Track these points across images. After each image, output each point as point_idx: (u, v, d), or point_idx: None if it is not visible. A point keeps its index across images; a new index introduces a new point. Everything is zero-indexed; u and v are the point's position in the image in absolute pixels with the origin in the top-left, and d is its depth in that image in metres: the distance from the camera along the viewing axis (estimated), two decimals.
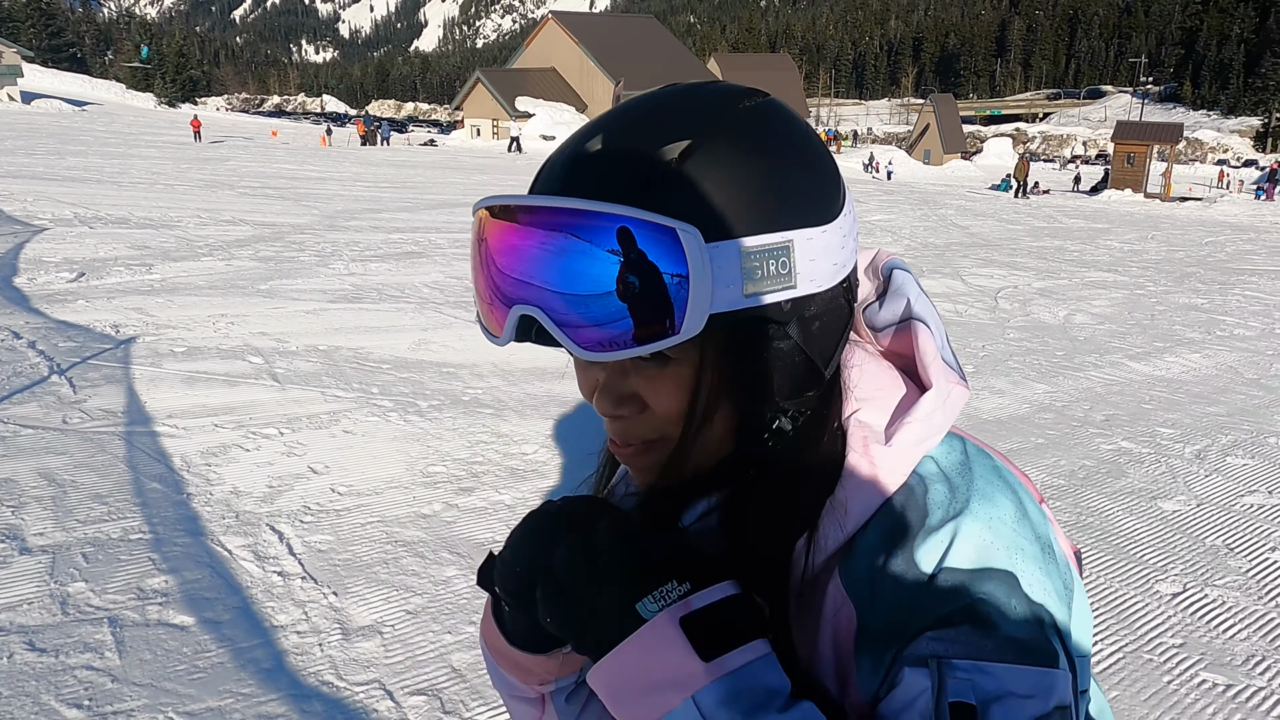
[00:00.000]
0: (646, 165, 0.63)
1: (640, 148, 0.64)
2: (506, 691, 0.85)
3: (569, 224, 0.61)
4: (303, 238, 12.23)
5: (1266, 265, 16.41)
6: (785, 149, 0.66)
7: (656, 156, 0.63)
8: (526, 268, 0.63)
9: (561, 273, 0.61)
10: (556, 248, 0.61)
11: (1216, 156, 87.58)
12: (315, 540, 3.94)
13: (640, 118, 0.66)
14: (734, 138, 0.65)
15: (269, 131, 50.56)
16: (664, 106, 0.67)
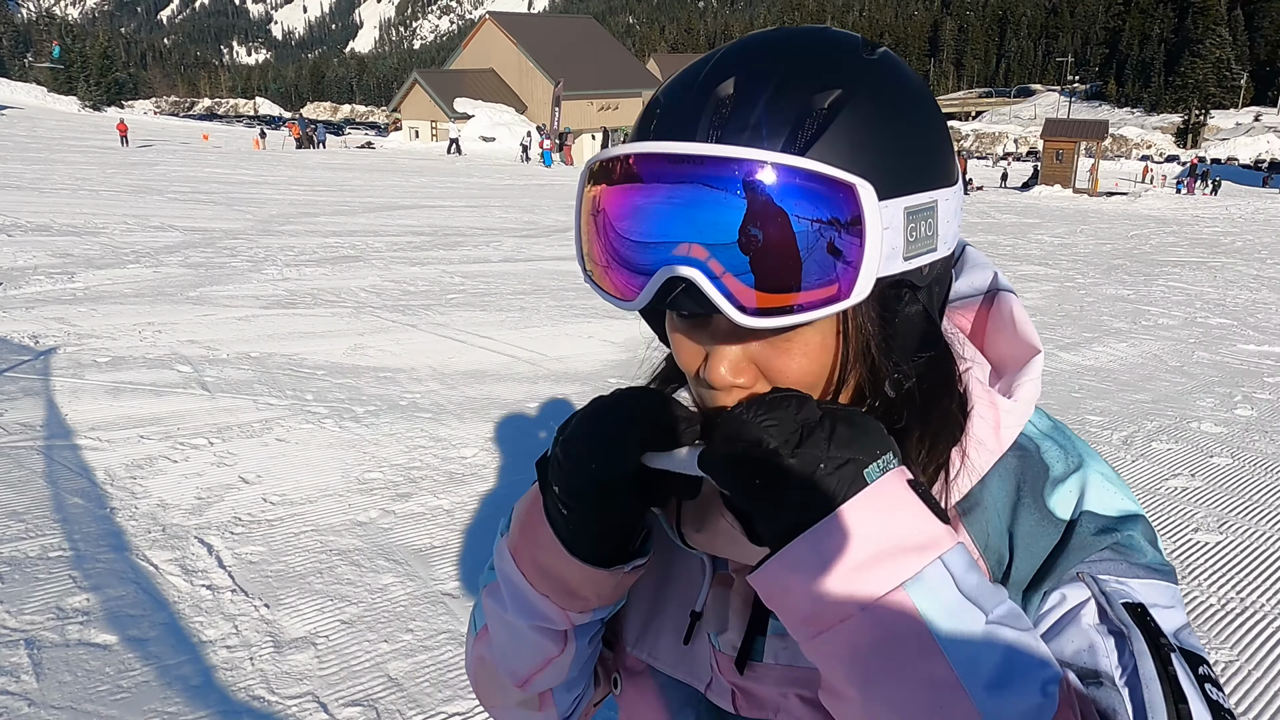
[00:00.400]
0: (801, 113, 0.59)
1: (789, 94, 0.59)
2: (529, 620, 0.75)
3: (736, 175, 0.55)
4: (235, 243, 11.95)
5: (1188, 256, 17.00)
6: (921, 103, 0.64)
7: (808, 104, 0.59)
8: (681, 224, 0.57)
9: (726, 229, 0.56)
10: (721, 202, 0.56)
11: (1141, 152, 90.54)
12: (246, 552, 3.84)
13: (775, 59, 0.61)
14: (877, 89, 0.61)
15: (200, 135, 49.31)
16: (797, 50, 0.62)
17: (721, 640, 0.74)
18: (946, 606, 0.55)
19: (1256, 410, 6.82)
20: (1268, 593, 3.99)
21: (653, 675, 0.81)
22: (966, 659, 0.54)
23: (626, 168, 0.59)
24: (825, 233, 0.56)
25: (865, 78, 0.61)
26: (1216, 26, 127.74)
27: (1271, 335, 9.79)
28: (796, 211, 0.56)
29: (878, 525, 0.56)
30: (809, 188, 0.56)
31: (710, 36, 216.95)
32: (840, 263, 0.57)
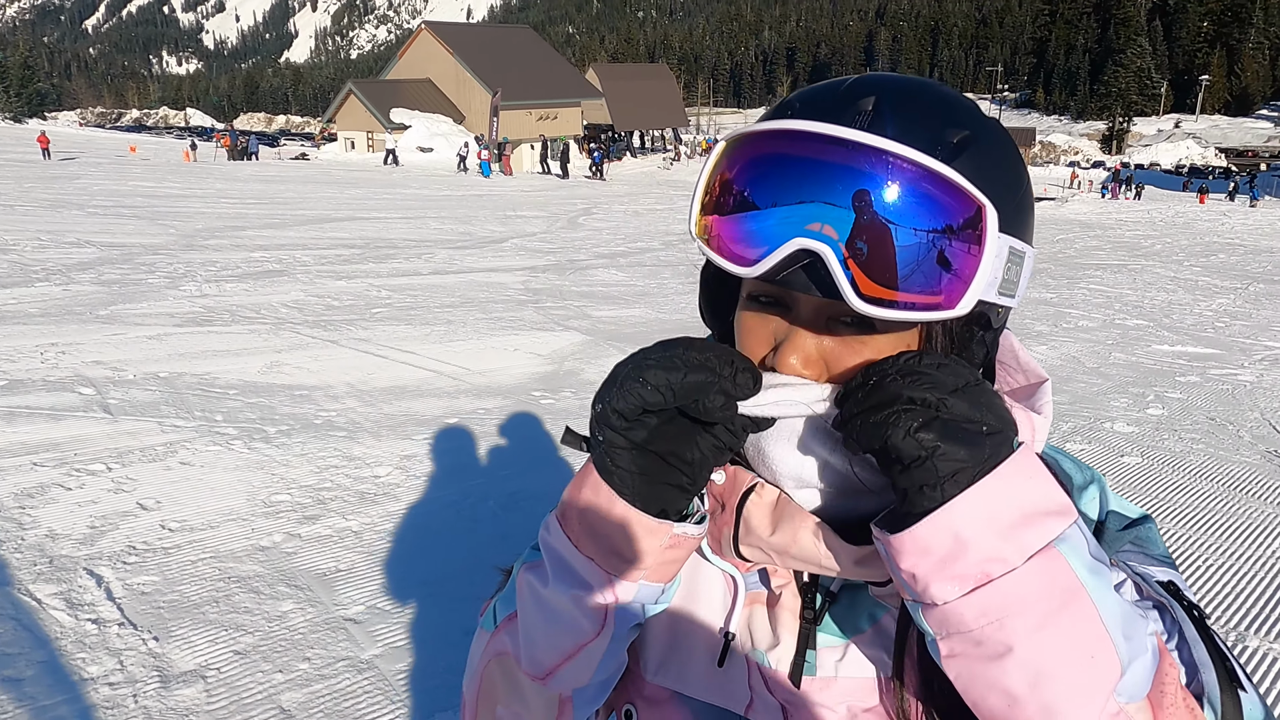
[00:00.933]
0: (935, 137, 0.64)
1: (926, 120, 0.65)
2: (570, 589, 0.71)
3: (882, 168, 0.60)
4: (154, 259, 11.60)
5: (1110, 259, 17.51)
6: (1023, 166, 0.71)
7: (942, 134, 0.65)
8: (819, 203, 0.61)
9: (873, 219, 0.60)
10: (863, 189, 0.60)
11: (1069, 158, 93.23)
12: (138, 582, 3.68)
13: (910, 91, 0.67)
14: (997, 141, 0.68)
15: (128, 147, 47.95)
16: (928, 90, 0.69)
17: (770, 656, 0.74)
18: (1086, 564, 0.59)
19: (1167, 409, 7.02)
20: None
21: (680, 703, 0.78)
22: (1108, 610, 0.59)
23: (775, 142, 0.63)
24: (949, 242, 0.61)
25: (988, 127, 0.69)
26: (1137, 37, 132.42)
27: (1184, 335, 10.10)
28: (930, 215, 0.60)
29: (1026, 488, 0.59)
30: (944, 197, 0.61)
31: (650, 46, 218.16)
32: (952, 275, 0.62)
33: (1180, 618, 0.68)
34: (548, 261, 13.34)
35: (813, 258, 0.61)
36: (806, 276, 0.62)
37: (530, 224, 18.43)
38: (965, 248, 0.62)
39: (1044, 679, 0.58)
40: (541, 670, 0.75)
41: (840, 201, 0.60)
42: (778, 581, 0.76)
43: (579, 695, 0.77)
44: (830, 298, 0.62)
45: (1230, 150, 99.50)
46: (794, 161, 0.62)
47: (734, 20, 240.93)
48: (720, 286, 0.80)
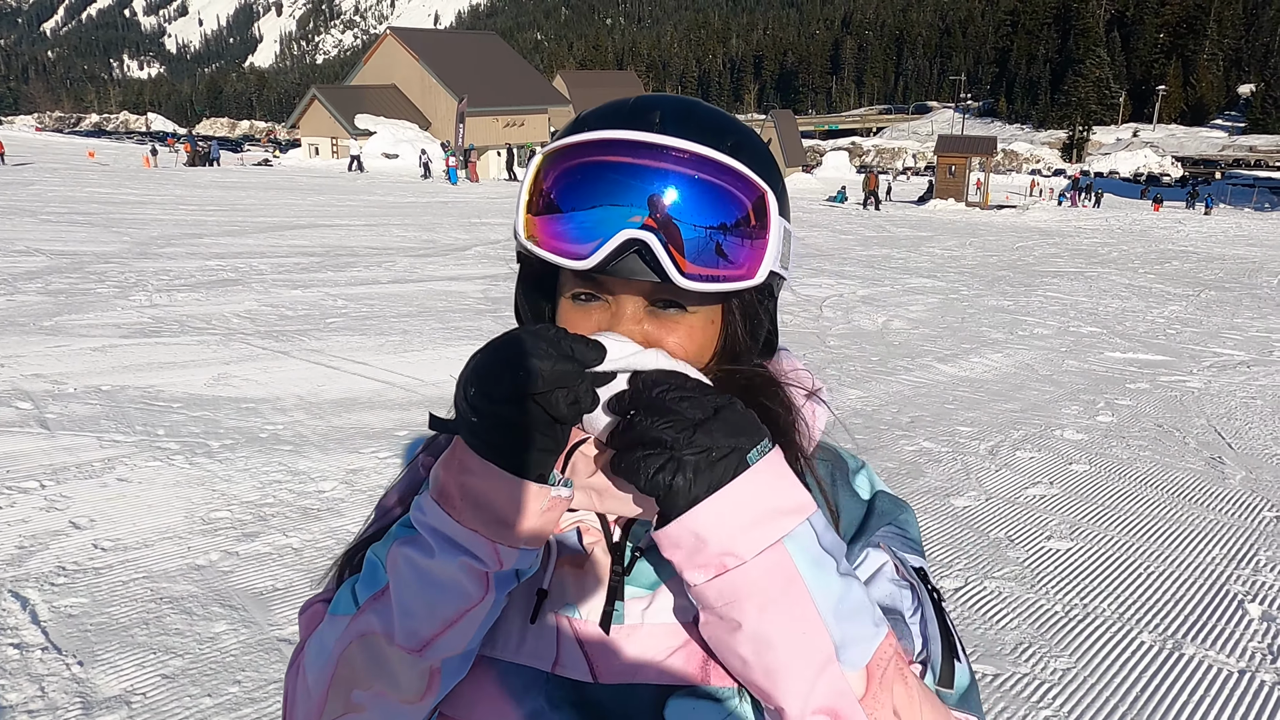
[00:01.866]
0: (719, 140, 0.76)
1: (705, 129, 0.77)
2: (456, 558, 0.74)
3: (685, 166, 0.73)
4: (106, 267, 11.38)
5: (1067, 267, 17.77)
6: (776, 166, 0.84)
7: (720, 139, 0.77)
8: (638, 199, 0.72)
9: (675, 209, 0.72)
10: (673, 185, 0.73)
11: (1030, 166, 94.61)
12: (66, 604, 3.58)
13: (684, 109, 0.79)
14: (758, 144, 0.81)
15: (86, 152, 47.11)
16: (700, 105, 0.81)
17: (581, 610, 0.80)
18: (811, 556, 0.70)
19: (1116, 417, 7.11)
20: (1109, 598, 4.12)
21: (489, 666, 0.81)
22: (823, 596, 0.70)
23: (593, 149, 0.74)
24: (746, 224, 0.75)
25: (751, 135, 0.81)
26: (1096, 48, 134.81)
27: (1136, 342, 10.27)
28: (727, 201, 0.74)
29: (761, 494, 0.70)
30: (737, 185, 0.74)
31: (618, 54, 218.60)
32: (750, 250, 0.76)
33: (923, 598, 0.83)
34: (510, 270, 13.05)
35: (640, 245, 0.72)
36: (632, 265, 0.73)
37: (495, 231, 18.34)
38: (758, 228, 0.76)
39: (764, 648, 0.70)
40: (419, 641, 0.77)
41: (657, 197, 0.72)
42: (590, 539, 0.82)
43: (447, 665, 0.78)
44: (659, 279, 0.73)
45: (1186, 159, 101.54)
46: (612, 165, 0.73)
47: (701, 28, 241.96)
48: (538, 289, 0.88)
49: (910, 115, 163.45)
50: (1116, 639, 3.76)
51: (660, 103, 0.79)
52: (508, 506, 0.73)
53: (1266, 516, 5.18)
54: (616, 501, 0.79)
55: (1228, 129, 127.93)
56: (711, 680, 0.77)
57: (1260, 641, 3.78)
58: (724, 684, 0.77)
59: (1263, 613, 4.03)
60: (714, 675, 0.78)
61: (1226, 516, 5.16)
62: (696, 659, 0.78)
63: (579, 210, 0.74)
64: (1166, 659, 3.62)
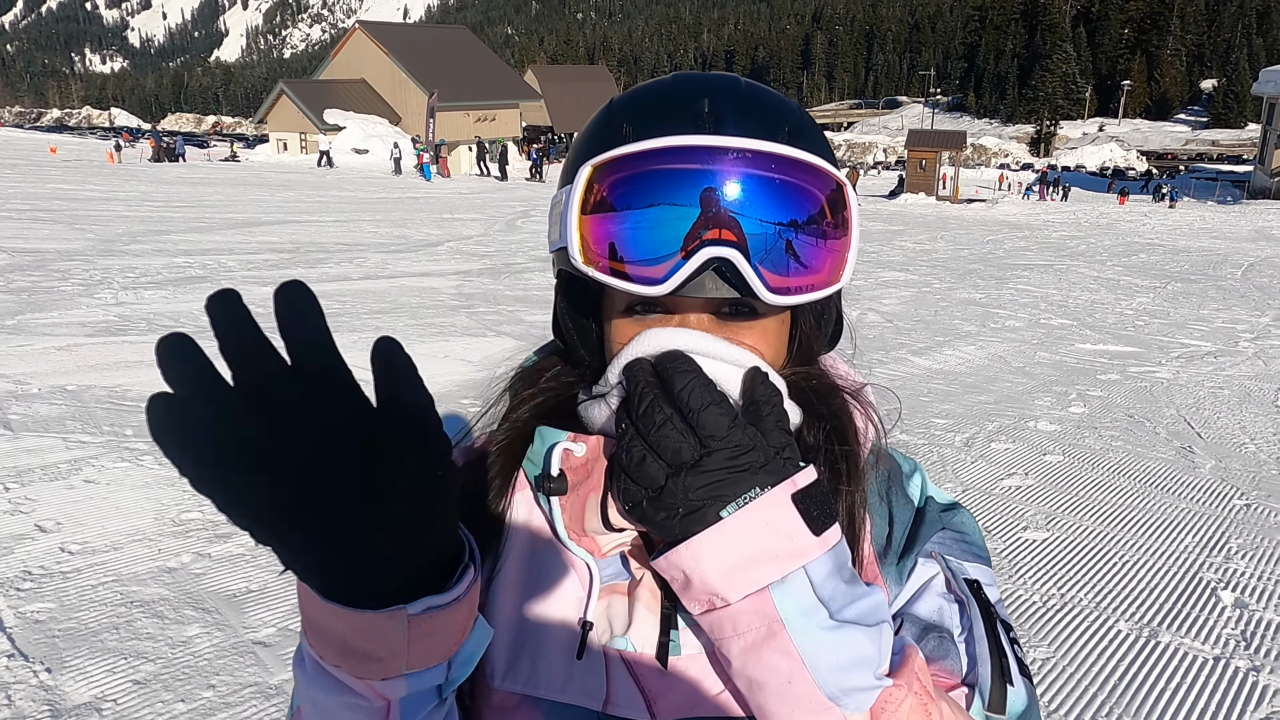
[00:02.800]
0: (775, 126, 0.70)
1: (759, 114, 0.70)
2: (338, 697, 0.61)
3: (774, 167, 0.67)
4: (70, 265, 11.16)
5: (1037, 260, 17.94)
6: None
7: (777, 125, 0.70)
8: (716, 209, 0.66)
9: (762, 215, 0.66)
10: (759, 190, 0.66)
11: (999, 161, 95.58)
12: (32, 610, 3.49)
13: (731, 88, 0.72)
14: (814, 128, 0.75)
15: (48, 148, 46.21)
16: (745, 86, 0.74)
17: (633, 641, 0.74)
18: (801, 606, 0.64)
19: (1089, 408, 7.18)
20: (1086, 587, 4.15)
21: (531, 707, 0.74)
22: (811, 647, 0.64)
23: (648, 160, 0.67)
24: (830, 224, 0.69)
25: (805, 118, 0.74)
26: (1062, 43, 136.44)
27: (1106, 334, 10.38)
28: (808, 202, 0.68)
29: (754, 537, 0.64)
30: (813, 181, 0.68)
31: (589, 48, 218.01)
32: (834, 252, 0.70)
33: (973, 615, 0.77)
34: (483, 265, 13.18)
35: (721, 263, 0.67)
36: (711, 280, 0.68)
37: (467, 227, 18.22)
38: (838, 225, 0.70)
39: (754, 689, 0.67)
40: None
41: (733, 207, 0.66)
42: (635, 564, 0.77)
43: None
44: (743, 295, 0.68)
45: (1151, 153, 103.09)
46: (677, 175, 0.66)
47: (673, 23, 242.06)
48: (579, 305, 0.80)
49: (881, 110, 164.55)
50: (1094, 628, 3.80)
51: (707, 87, 0.72)
52: (351, 637, 0.57)
53: (1236, 504, 5.26)
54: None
55: (1191, 123, 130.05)
56: None
57: (1234, 628, 3.83)
58: None
59: (1235, 599, 4.08)
60: None
61: (1198, 505, 5.23)
62: None
63: (645, 230, 0.67)
64: (1143, 647, 3.65)
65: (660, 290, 0.67)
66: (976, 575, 0.80)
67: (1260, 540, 4.75)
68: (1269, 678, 3.46)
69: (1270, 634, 3.79)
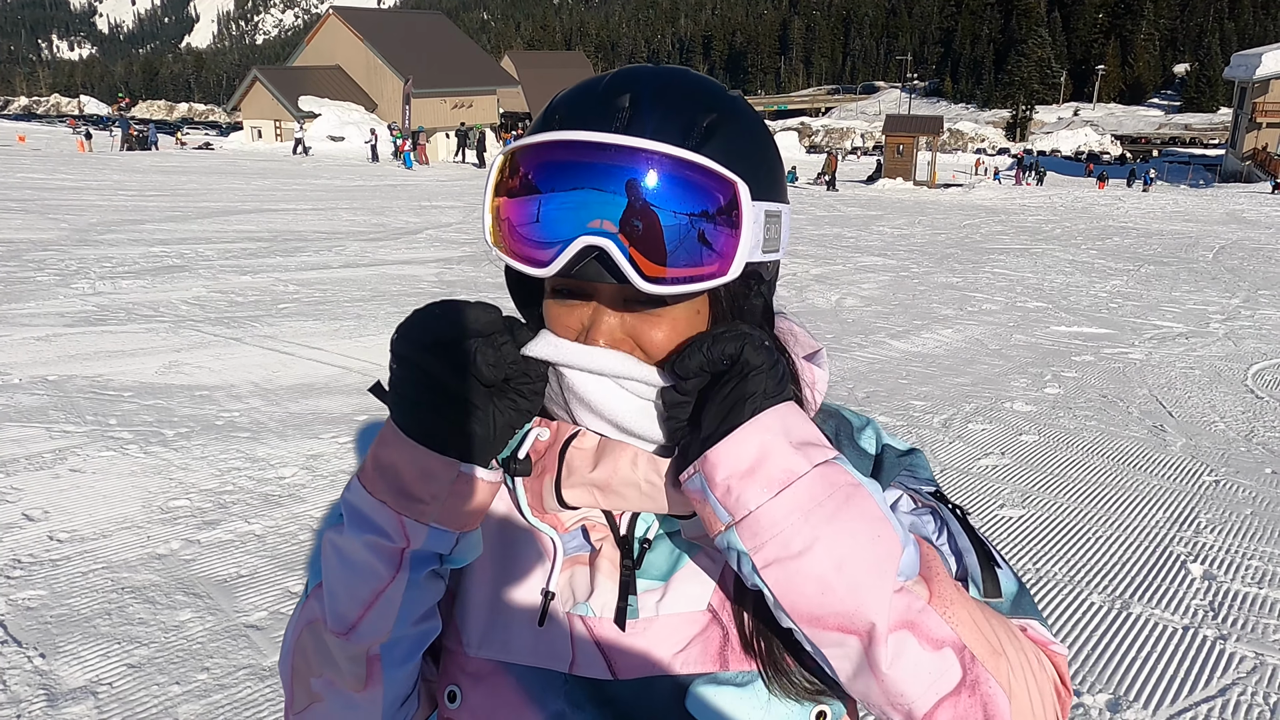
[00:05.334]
0: (688, 125, 0.73)
1: (678, 109, 0.73)
2: (363, 534, 0.73)
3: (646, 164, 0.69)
4: (44, 255, 11.05)
5: (1013, 244, 18.13)
6: (768, 136, 0.80)
7: (693, 120, 0.73)
8: (595, 202, 0.69)
9: (634, 209, 0.69)
10: (631, 185, 0.69)
11: (976, 146, 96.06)
12: (23, 597, 3.51)
13: (662, 84, 0.75)
14: (742, 118, 0.77)
15: (15, 137, 45.46)
16: (678, 80, 0.77)
17: (593, 607, 0.78)
18: (860, 474, 0.71)
19: (1063, 388, 7.31)
20: (1060, 562, 4.27)
21: (505, 672, 0.80)
22: (883, 501, 0.71)
23: (550, 151, 0.71)
24: (712, 219, 0.71)
25: (735, 106, 0.77)
26: (1038, 28, 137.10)
27: (1080, 316, 10.54)
28: (691, 199, 0.69)
29: (804, 420, 0.71)
30: (702, 181, 0.70)
31: (566, 34, 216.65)
32: (721, 246, 0.71)
33: (946, 516, 0.84)
34: (463, 253, 13.16)
35: (598, 252, 0.70)
36: (597, 268, 0.71)
37: (446, 214, 18.16)
38: (727, 221, 0.71)
39: (845, 561, 0.68)
40: (345, 625, 0.76)
41: (614, 199, 0.69)
42: (596, 536, 0.81)
43: (387, 653, 0.77)
44: (620, 283, 0.71)
45: (1125, 137, 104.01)
46: (568, 167, 0.70)
47: (650, 8, 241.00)
48: (523, 283, 0.86)
49: (858, 95, 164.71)
50: (1068, 600, 3.91)
51: (635, 82, 0.75)
52: (413, 477, 0.71)
53: (1206, 481, 5.39)
54: (619, 497, 0.78)
55: (1164, 108, 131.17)
56: (730, 666, 0.78)
57: (1202, 599, 3.95)
58: (742, 669, 0.78)
59: (1204, 572, 4.21)
60: (732, 661, 0.78)
61: (1169, 482, 5.36)
62: (713, 646, 0.78)
63: (538, 216, 0.71)
64: (1115, 618, 3.77)
65: (543, 272, 0.72)
66: (935, 489, 0.87)
67: (1228, 515, 4.89)
68: (1235, 645, 3.58)
69: (1237, 604, 3.92)
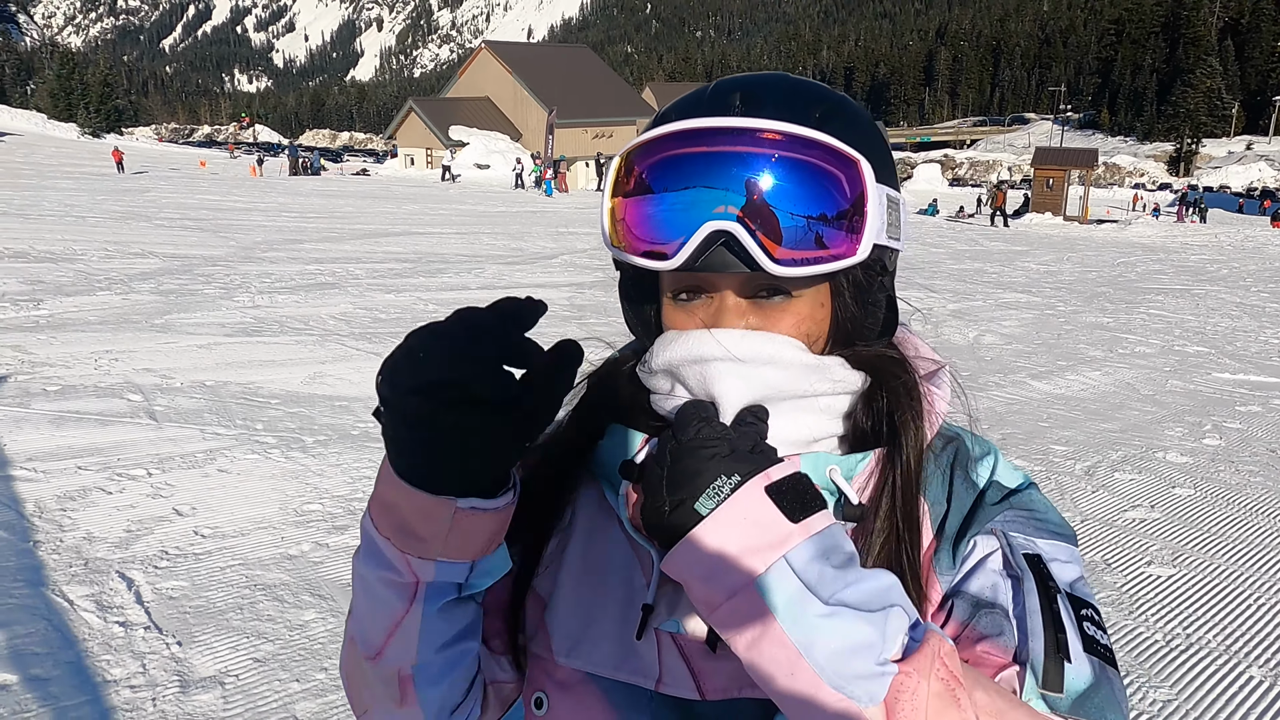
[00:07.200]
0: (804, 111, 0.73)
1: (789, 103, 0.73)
2: (376, 570, 0.72)
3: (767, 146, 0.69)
4: (213, 270, 11.93)
5: (1173, 284, 16.99)
6: (877, 128, 0.80)
7: (806, 111, 0.73)
8: (717, 188, 0.69)
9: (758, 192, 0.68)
10: (753, 168, 0.68)
11: (1135, 180, 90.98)
12: (167, 587, 3.75)
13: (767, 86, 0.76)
14: (853, 110, 0.78)
15: (198, 162, 49.53)
16: (782, 80, 0.78)
17: (685, 625, 0.77)
18: (787, 595, 0.64)
19: (1225, 440, 6.75)
20: (1214, 628, 3.91)
21: (591, 684, 0.80)
22: (804, 636, 0.64)
23: (668, 144, 0.70)
24: (839, 198, 0.70)
25: (843, 100, 0.78)
26: (1208, 57, 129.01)
27: (1248, 363, 9.74)
28: (816, 178, 0.69)
29: (726, 537, 0.65)
30: (827, 159, 0.69)
31: (708, 66, 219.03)
32: (848, 226, 0.70)
33: (1027, 589, 0.75)
34: (595, 278, 13.39)
35: (725, 237, 0.68)
36: (722, 258, 0.69)
37: (582, 240, 18.56)
38: (853, 200, 0.70)
39: (767, 684, 0.66)
40: (372, 650, 0.76)
41: (736, 183, 0.68)
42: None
43: (419, 674, 0.77)
44: (750, 269, 0.69)
45: None
46: (689, 157, 0.69)
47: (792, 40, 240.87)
48: (642, 297, 0.83)
49: (1006, 127, 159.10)
50: (1222, 672, 3.56)
51: (741, 83, 0.76)
52: (412, 516, 0.69)
53: None
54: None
55: None
56: None
57: None
58: None
59: None
60: None
61: None
62: None
63: (660, 209, 0.70)
64: (1278, 696, 3.41)
65: (669, 265, 0.70)
66: (1043, 550, 0.78)
67: None
68: None
69: None
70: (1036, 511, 0.81)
